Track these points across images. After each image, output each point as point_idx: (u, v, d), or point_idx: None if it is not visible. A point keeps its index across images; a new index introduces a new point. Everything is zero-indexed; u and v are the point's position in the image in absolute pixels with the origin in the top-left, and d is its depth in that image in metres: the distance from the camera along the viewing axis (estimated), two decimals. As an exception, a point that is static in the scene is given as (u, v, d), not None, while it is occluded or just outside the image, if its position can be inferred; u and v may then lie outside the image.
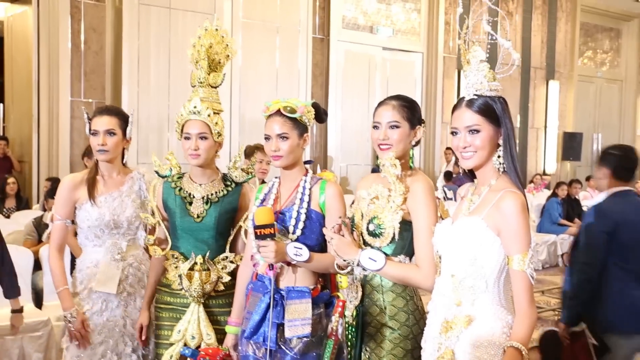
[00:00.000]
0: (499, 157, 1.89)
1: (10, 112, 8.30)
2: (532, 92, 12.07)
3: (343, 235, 2.13)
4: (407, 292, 2.17)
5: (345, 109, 9.56)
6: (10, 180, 6.66)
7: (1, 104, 8.56)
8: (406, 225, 2.13)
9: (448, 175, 8.80)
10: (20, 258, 4.07)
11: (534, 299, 1.79)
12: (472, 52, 1.92)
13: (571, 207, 9.13)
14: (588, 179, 10.98)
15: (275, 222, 2.18)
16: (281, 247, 2.17)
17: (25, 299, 4.02)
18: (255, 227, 2.15)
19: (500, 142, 1.89)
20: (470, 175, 2.02)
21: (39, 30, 7.14)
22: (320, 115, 2.39)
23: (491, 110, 1.88)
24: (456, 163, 6.49)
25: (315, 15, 9.20)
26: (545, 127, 12.36)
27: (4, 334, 3.68)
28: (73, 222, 2.72)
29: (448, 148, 10.46)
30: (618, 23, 13.94)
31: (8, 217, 6.27)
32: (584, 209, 9.20)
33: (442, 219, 2.04)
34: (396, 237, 2.11)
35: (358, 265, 2.12)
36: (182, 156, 2.60)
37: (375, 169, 9.43)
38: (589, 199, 10.15)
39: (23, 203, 6.67)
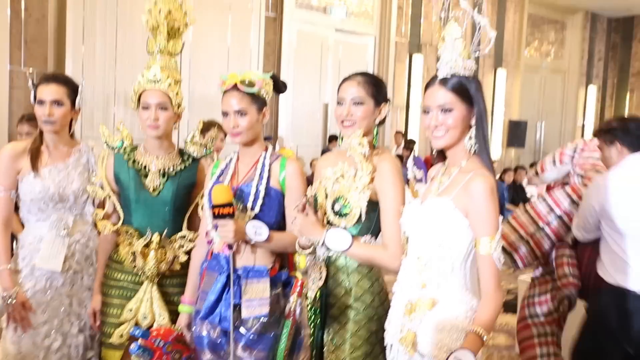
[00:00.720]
0: (470, 137, 1.86)
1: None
2: (480, 79, 12.23)
3: (307, 215, 2.06)
4: (372, 273, 2.12)
5: (296, 90, 9.48)
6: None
7: None
8: (372, 205, 2.08)
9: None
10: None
11: (501, 283, 1.78)
12: (448, 29, 1.87)
13: (516, 193, 9.40)
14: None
15: (233, 201, 2.11)
16: (240, 227, 2.10)
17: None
18: (213, 207, 2.07)
19: (473, 122, 1.86)
20: (441, 155, 1.98)
21: (-25, -6, 6.74)
22: (279, 86, 2.31)
23: (465, 90, 1.84)
24: (405, 147, 6.50)
25: (268, -8, 9.05)
26: (492, 114, 12.61)
27: None
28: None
29: (398, 132, 10.54)
30: (563, 16, 14.31)
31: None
32: (528, 194, 9.51)
33: (413, 198, 2.01)
34: (363, 217, 2.07)
35: (323, 245, 2.07)
36: (132, 128, 2.49)
37: (325, 150, 9.41)
38: (532, 184, 10.45)
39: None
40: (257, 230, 2.10)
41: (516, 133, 12.68)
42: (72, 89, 2.55)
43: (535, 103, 13.91)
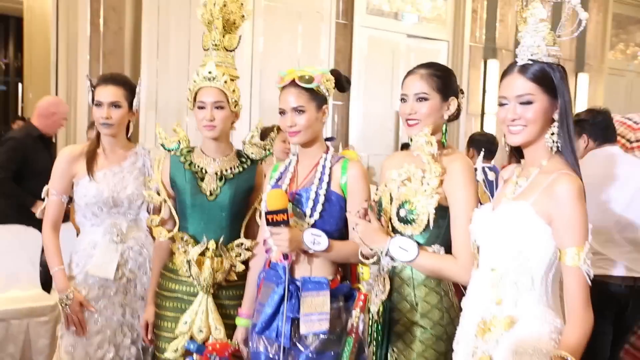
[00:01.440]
0: (552, 134, 1.63)
1: (28, 93, 8.22)
2: (561, 84, 11.70)
3: (369, 221, 1.88)
4: (441, 286, 1.92)
5: (367, 97, 9.32)
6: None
7: (18, 85, 8.49)
8: (442, 211, 1.87)
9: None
10: (27, 238, 3.91)
11: (590, 299, 1.55)
12: (531, 9, 1.65)
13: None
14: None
15: (289, 207, 1.97)
16: (296, 235, 1.96)
17: (33, 282, 3.89)
18: (267, 213, 1.94)
19: (556, 116, 1.63)
20: (515, 156, 1.77)
21: (58, 10, 7.02)
22: (342, 83, 2.16)
23: (548, 79, 1.62)
24: (475, 152, 6.34)
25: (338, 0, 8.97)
26: (574, 120, 12.00)
27: (9, 317, 3.54)
28: (71, 199, 2.52)
29: (473, 139, 10.19)
30: (652, 15, 13.48)
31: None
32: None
33: (481, 204, 1.81)
34: (431, 224, 1.86)
35: (387, 254, 1.88)
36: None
37: (397, 159, 9.17)
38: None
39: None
40: (316, 239, 1.96)
41: (601, 140, 11.98)
42: (130, 90, 2.51)
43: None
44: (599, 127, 2.88)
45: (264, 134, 3.34)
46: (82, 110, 7.11)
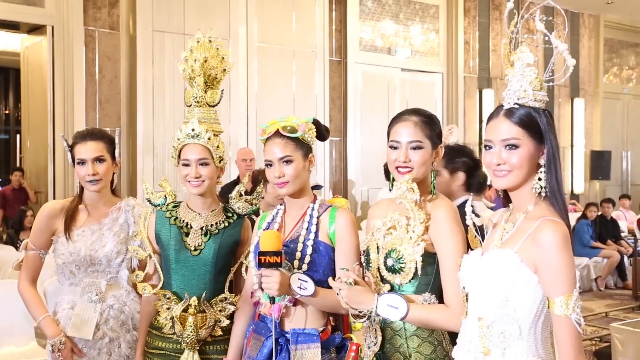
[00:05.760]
0: (540, 179, 1.61)
1: (26, 143, 8.27)
2: (557, 110, 11.76)
3: (352, 283, 1.83)
4: (434, 336, 1.87)
5: (364, 132, 9.38)
6: (29, 213, 6.61)
7: (17, 135, 8.55)
8: (430, 257, 1.85)
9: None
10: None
11: (583, 349, 1.51)
12: (518, 53, 1.64)
13: (605, 228, 8.77)
14: (622, 197, 10.69)
15: (282, 251, 1.95)
16: (286, 279, 1.93)
17: (29, 336, 3.85)
18: (260, 254, 1.91)
19: (542, 161, 1.61)
20: (505, 198, 1.74)
21: (53, 60, 7.11)
22: (322, 132, 2.16)
23: (534, 124, 1.60)
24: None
25: (331, 38, 9.08)
26: (572, 146, 12.01)
27: (4, 375, 3.51)
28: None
29: (471, 170, 10.18)
30: (643, 38, 13.61)
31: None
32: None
33: (471, 249, 1.77)
34: (419, 272, 1.82)
35: (376, 314, 1.84)
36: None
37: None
38: (622, 218, 9.80)
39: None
40: (302, 284, 1.92)
41: (600, 164, 11.98)
42: (110, 142, 2.48)
43: (619, 131, 13.16)
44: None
45: (256, 178, 3.30)
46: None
